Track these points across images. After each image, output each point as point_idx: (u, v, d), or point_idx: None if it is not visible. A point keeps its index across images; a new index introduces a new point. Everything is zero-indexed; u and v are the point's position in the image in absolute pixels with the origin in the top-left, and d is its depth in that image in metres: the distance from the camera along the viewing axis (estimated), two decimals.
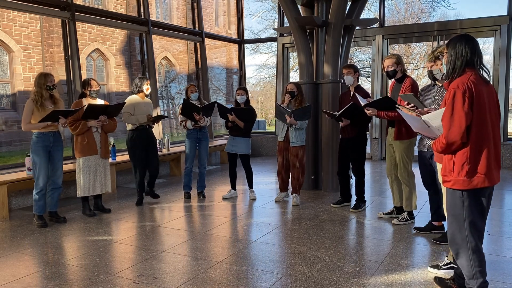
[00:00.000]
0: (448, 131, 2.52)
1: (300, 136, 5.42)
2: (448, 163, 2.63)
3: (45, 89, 4.63)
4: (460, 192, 2.60)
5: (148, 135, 5.58)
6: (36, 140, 4.67)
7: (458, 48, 2.60)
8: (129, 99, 5.49)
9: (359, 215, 5.02)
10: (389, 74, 4.55)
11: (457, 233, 2.67)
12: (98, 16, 7.69)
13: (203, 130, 5.89)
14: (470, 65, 2.59)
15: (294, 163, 5.46)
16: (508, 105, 8.45)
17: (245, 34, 11.46)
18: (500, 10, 25.00)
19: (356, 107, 4.82)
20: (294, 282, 3.19)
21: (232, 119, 5.61)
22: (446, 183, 2.67)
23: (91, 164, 5.05)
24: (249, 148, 5.87)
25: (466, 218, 2.61)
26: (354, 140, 5.13)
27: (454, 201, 2.65)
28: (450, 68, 2.63)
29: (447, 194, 2.71)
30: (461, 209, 2.62)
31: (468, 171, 2.55)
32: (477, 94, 2.51)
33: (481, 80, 2.59)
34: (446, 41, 2.74)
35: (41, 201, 4.76)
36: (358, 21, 6.52)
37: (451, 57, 2.63)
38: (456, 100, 2.50)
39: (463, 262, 2.68)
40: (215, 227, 4.62)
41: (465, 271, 2.69)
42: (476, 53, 2.60)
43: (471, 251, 2.64)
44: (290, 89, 5.43)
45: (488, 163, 2.56)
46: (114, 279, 3.30)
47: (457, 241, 2.68)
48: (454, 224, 2.67)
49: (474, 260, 2.64)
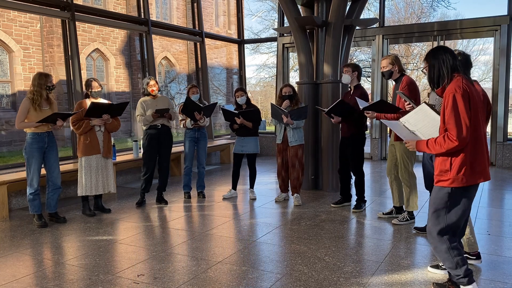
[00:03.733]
0: (458, 131, 2.57)
1: (298, 134, 5.43)
2: (443, 164, 2.70)
3: (45, 89, 4.63)
4: (450, 189, 2.68)
5: (160, 136, 5.47)
6: (31, 142, 4.63)
7: (439, 57, 2.73)
8: (140, 101, 5.48)
9: (359, 215, 5.02)
10: (384, 74, 4.56)
11: (434, 227, 2.77)
12: (98, 16, 7.69)
13: (201, 130, 5.89)
14: (455, 70, 2.71)
15: (293, 163, 5.46)
16: (508, 105, 8.45)
17: (245, 34, 11.47)
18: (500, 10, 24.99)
19: (344, 103, 4.84)
20: (294, 282, 3.19)
21: (241, 122, 5.60)
22: (442, 182, 2.72)
23: (93, 164, 5.05)
24: (258, 147, 5.88)
25: (447, 213, 2.72)
26: (351, 139, 5.13)
27: (441, 196, 2.73)
28: (436, 77, 2.75)
29: (435, 191, 2.79)
30: (445, 205, 2.71)
31: (467, 168, 2.64)
32: (472, 96, 2.62)
33: (469, 82, 2.72)
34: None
35: (36, 201, 4.75)
36: (358, 21, 6.52)
37: (434, 67, 2.75)
38: (459, 103, 2.58)
39: (443, 255, 2.77)
40: (215, 227, 4.62)
41: (448, 263, 2.77)
42: (456, 58, 2.74)
43: (448, 242, 2.73)
44: (288, 93, 5.43)
45: (483, 160, 2.69)
46: (114, 279, 3.30)
47: (433, 235, 2.78)
48: (434, 218, 2.77)
49: (453, 249, 2.73)
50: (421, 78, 21.30)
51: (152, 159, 5.53)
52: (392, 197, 4.87)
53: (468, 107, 2.58)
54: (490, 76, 8.74)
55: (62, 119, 4.61)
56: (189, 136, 5.84)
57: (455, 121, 2.57)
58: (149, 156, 5.51)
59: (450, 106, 2.59)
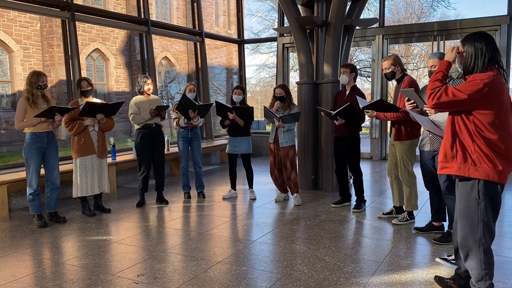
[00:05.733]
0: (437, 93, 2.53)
1: (289, 136, 5.45)
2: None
3: (35, 88, 4.61)
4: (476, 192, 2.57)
5: (154, 134, 5.48)
6: (30, 142, 4.63)
7: (477, 46, 2.54)
8: (133, 100, 5.48)
9: (359, 215, 5.02)
10: (387, 76, 4.56)
11: (469, 235, 2.63)
12: (98, 16, 7.69)
13: (194, 130, 5.87)
14: (491, 63, 2.54)
15: (285, 163, 5.49)
16: None
17: (245, 34, 11.46)
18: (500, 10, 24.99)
19: (352, 107, 4.85)
20: (294, 282, 3.19)
21: (233, 117, 5.61)
22: None
23: (88, 164, 5.04)
24: (250, 147, 5.88)
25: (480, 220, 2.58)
26: (347, 139, 5.15)
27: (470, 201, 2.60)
28: (471, 63, 2.57)
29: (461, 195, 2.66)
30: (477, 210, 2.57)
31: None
32: (497, 95, 2.49)
33: (504, 79, 2.58)
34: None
35: (35, 201, 4.75)
36: (358, 21, 6.51)
37: (471, 56, 2.56)
38: (470, 87, 2.47)
39: (473, 264, 2.64)
40: (215, 227, 4.62)
41: (474, 272, 2.64)
42: (496, 50, 2.56)
43: (483, 253, 2.60)
44: (279, 94, 5.45)
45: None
46: (114, 279, 3.30)
47: (469, 243, 2.64)
48: (468, 226, 2.63)
49: (485, 263, 2.60)
50: (421, 78, 21.31)
51: (147, 158, 5.53)
52: (392, 197, 4.87)
53: (476, 96, 2.45)
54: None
55: (60, 114, 4.59)
56: (182, 136, 5.84)
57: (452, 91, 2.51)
58: (144, 155, 5.51)
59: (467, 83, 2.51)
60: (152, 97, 5.55)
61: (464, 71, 2.64)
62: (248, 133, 5.84)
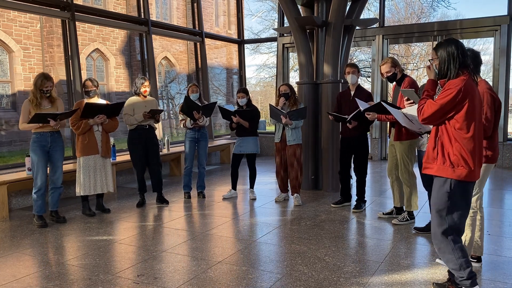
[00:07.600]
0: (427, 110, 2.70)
1: (296, 134, 5.44)
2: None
3: (39, 91, 4.65)
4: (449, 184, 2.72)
5: (147, 135, 5.48)
6: (33, 140, 4.70)
7: (449, 51, 2.71)
8: (128, 100, 5.46)
9: (359, 215, 5.02)
10: (390, 78, 4.56)
11: (438, 227, 2.78)
12: (98, 16, 7.69)
13: (202, 130, 5.88)
14: (464, 68, 2.71)
15: (292, 162, 5.47)
16: (508, 105, 8.45)
17: (245, 34, 11.47)
18: (500, 10, 24.97)
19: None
20: (294, 282, 3.19)
21: (237, 120, 5.63)
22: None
23: (91, 164, 5.05)
24: (258, 147, 5.88)
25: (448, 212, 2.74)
26: (358, 139, 5.13)
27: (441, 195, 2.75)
28: (444, 70, 2.74)
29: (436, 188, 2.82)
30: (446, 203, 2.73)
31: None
32: (472, 95, 2.66)
33: (474, 83, 2.75)
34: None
35: (39, 201, 4.75)
36: (358, 21, 6.52)
37: (444, 62, 2.73)
38: (451, 97, 2.64)
39: (447, 256, 2.77)
40: (215, 227, 4.62)
41: (451, 265, 2.78)
42: (466, 55, 2.74)
43: (452, 242, 2.74)
44: (284, 91, 5.45)
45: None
46: (114, 279, 3.30)
47: (437, 235, 2.79)
48: (437, 218, 2.79)
49: (457, 251, 2.73)
50: (421, 78, 21.31)
51: (141, 159, 5.50)
52: (392, 197, 4.87)
53: (452, 104, 2.63)
54: (490, 76, 8.73)
55: (52, 119, 4.59)
56: (189, 136, 5.84)
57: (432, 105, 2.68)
58: (137, 156, 5.49)
59: (446, 95, 2.66)
60: (148, 99, 5.51)
61: (438, 75, 2.80)
62: (255, 133, 5.85)
